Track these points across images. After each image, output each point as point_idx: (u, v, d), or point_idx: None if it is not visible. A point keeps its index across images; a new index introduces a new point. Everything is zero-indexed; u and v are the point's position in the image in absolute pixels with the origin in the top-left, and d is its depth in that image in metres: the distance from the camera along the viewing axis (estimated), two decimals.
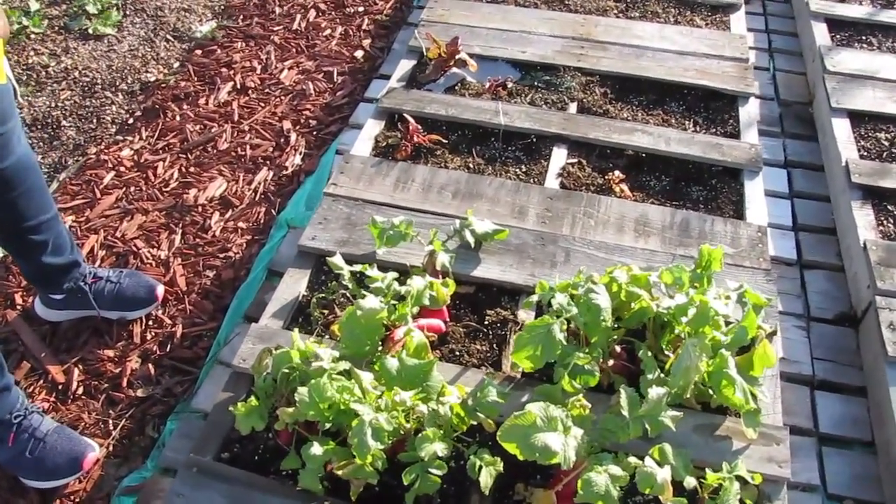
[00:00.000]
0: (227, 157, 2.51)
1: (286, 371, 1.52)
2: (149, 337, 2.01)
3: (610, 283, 1.61)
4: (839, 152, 2.28)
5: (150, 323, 2.04)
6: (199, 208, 2.34)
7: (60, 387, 1.91)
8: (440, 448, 1.36)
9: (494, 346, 1.74)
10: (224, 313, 2.03)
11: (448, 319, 1.77)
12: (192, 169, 2.48)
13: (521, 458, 1.28)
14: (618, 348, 1.64)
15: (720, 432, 1.53)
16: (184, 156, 2.53)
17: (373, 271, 1.70)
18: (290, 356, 1.51)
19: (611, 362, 1.60)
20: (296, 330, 1.59)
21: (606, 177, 2.17)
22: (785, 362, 1.82)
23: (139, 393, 1.89)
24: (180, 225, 2.29)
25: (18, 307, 2.09)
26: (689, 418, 1.51)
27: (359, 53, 2.99)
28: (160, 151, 2.54)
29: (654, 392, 1.38)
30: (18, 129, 1.68)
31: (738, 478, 1.38)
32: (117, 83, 2.85)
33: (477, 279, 1.86)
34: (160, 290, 2.06)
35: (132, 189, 2.41)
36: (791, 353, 1.87)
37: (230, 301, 2.05)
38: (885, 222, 2.08)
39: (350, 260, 1.79)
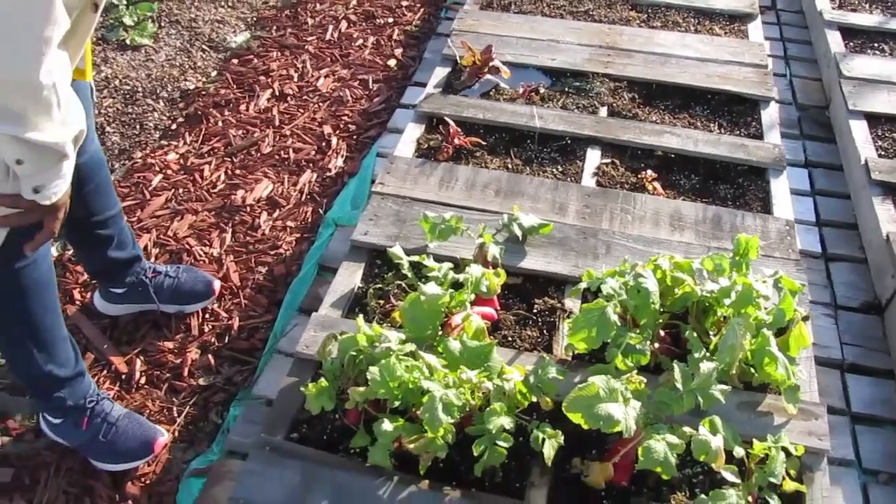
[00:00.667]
0: (271, 161, 2.62)
1: (353, 354, 1.61)
2: (206, 329, 2.11)
3: (655, 270, 1.71)
4: (858, 152, 2.40)
5: (207, 316, 2.14)
6: (248, 208, 2.44)
7: (124, 377, 2.00)
8: (507, 422, 1.46)
9: (544, 331, 1.84)
10: (278, 307, 2.13)
11: (499, 308, 1.87)
12: (237, 171, 2.58)
13: (585, 426, 1.38)
14: (662, 332, 1.74)
15: (762, 408, 1.63)
16: (229, 159, 2.63)
17: (429, 261, 1.80)
18: (357, 340, 1.61)
19: (656, 345, 1.70)
20: (360, 316, 1.68)
21: (639, 176, 2.28)
22: (816, 347, 1.92)
23: (201, 381, 1.99)
24: (230, 224, 2.40)
25: (77, 302, 2.18)
26: (732, 396, 1.60)
27: (392, 62, 3.11)
28: (205, 155, 2.65)
29: (705, 366, 1.48)
30: (93, 126, 1.78)
31: (783, 449, 1.48)
32: (158, 91, 2.96)
33: (524, 270, 1.96)
34: (216, 284, 2.17)
35: (181, 190, 2.52)
36: (821, 339, 1.98)
37: (283, 295, 2.15)
38: None
39: (396, 256, 1.89)
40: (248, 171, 2.58)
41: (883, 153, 2.43)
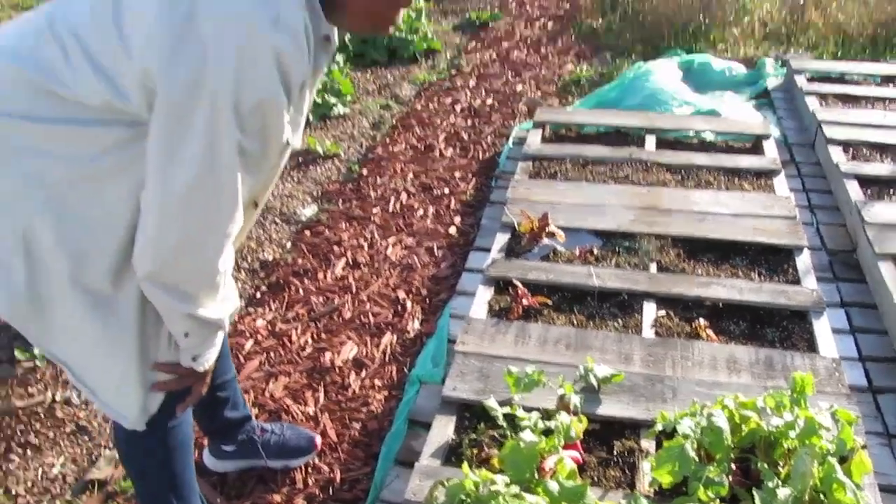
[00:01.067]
0: (353, 324, 2.89)
1: (462, 497, 1.82)
2: (310, 482, 2.31)
3: (723, 409, 1.93)
4: (890, 290, 2.64)
5: (310, 470, 2.35)
6: (336, 369, 2.69)
7: None
8: None
9: (626, 471, 2.04)
10: (375, 459, 2.33)
11: (583, 451, 2.08)
12: (323, 335, 2.85)
13: None
14: (734, 466, 1.93)
15: None
16: (313, 324, 2.91)
17: (520, 412, 2.03)
18: (464, 485, 1.82)
19: (730, 477, 1.89)
20: (465, 463, 1.89)
21: (693, 325, 2.52)
22: (877, 475, 2.09)
23: None
24: (321, 384, 2.64)
25: None
26: None
27: (452, 229, 3.44)
28: (291, 321, 2.92)
29: (781, 492, 1.67)
30: None
31: None
32: (239, 262, 3.27)
33: (602, 416, 2.17)
34: (318, 439, 2.39)
35: (272, 354, 2.77)
36: (880, 467, 2.15)
37: (378, 448, 2.36)
38: None
39: (492, 408, 2.11)
40: (333, 335, 2.84)
41: None
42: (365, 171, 3.99)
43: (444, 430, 2.19)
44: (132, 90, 1.29)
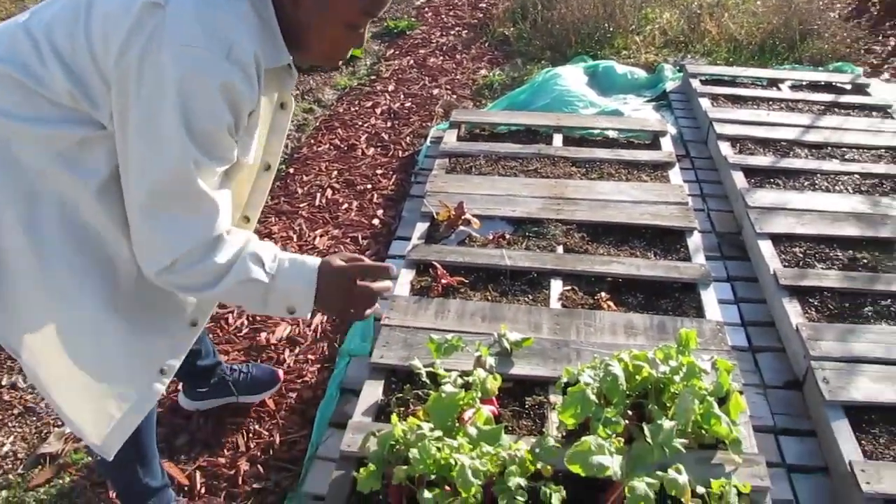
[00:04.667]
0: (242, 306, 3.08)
1: (392, 443, 2.04)
2: (252, 446, 2.50)
3: (619, 361, 2.20)
4: (767, 264, 2.97)
5: (251, 435, 2.54)
6: (272, 347, 2.88)
7: (186, 488, 2.37)
8: (521, 481, 1.89)
9: (537, 420, 2.29)
10: (311, 423, 2.53)
11: (498, 406, 2.33)
12: (257, 318, 3.03)
13: (583, 474, 1.83)
14: (629, 411, 2.21)
15: (715, 461, 2.09)
16: None
17: (441, 371, 2.27)
18: (395, 433, 2.04)
19: (626, 421, 2.16)
20: (394, 415, 2.12)
21: (595, 297, 2.80)
22: (753, 418, 2.39)
23: (254, 486, 2.38)
24: (258, 360, 2.83)
25: None
26: (690, 454, 2.04)
27: (375, 221, 3.66)
28: (227, 306, 3.10)
29: (667, 424, 1.95)
30: None
31: (734, 486, 1.94)
32: None
33: (514, 376, 2.42)
34: (280, 373, 2.68)
35: (211, 336, 2.93)
36: (756, 411, 2.46)
37: (314, 414, 2.56)
38: (808, 310, 2.76)
39: (416, 367, 2.35)
40: (267, 317, 3.03)
41: (787, 263, 3.01)
42: (292, 170, 4.18)
43: (373, 392, 2.40)
44: (101, 102, 1.42)
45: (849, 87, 4.86)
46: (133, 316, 1.61)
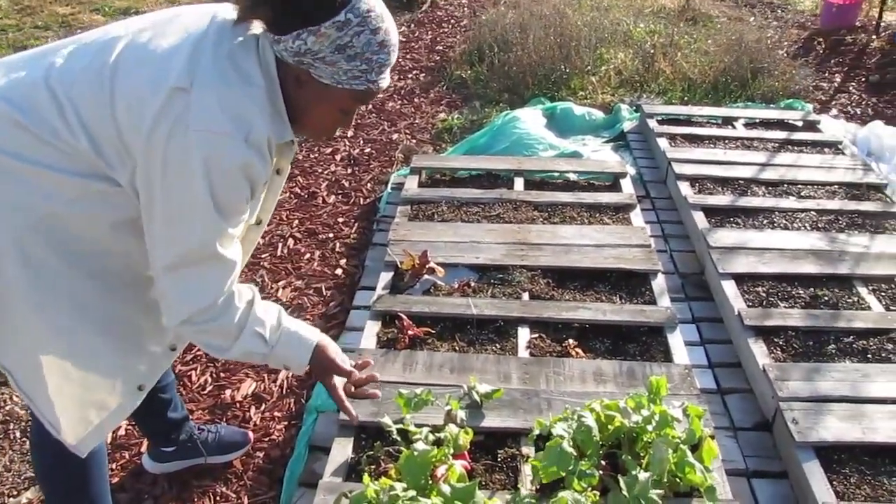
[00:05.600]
0: (250, 362, 3.03)
1: None
2: None
3: (591, 412, 2.19)
4: (732, 305, 3.00)
5: (218, 498, 2.48)
6: (237, 405, 2.83)
7: None
8: None
9: (510, 474, 2.27)
10: (279, 483, 2.48)
11: (470, 460, 2.30)
12: (222, 374, 2.98)
13: None
14: (603, 462, 2.19)
15: None
16: (211, 364, 3.03)
17: (412, 427, 2.24)
18: (367, 494, 2.00)
19: (600, 472, 2.15)
20: (366, 474, 2.08)
21: (563, 344, 2.79)
22: (725, 462, 2.39)
23: None
24: (224, 419, 2.77)
25: None
26: (666, 503, 2.05)
27: (338, 271, 3.63)
28: (190, 363, 3.04)
29: (642, 475, 1.94)
30: None
31: None
32: None
33: (485, 428, 2.39)
34: (251, 435, 2.63)
35: None
36: (728, 455, 2.47)
37: (283, 473, 2.51)
38: (774, 350, 2.78)
39: (386, 425, 2.31)
40: (232, 374, 2.98)
41: (750, 304, 3.04)
42: None
43: (343, 450, 2.36)
44: (118, 166, 1.58)
45: (800, 123, 4.96)
46: (119, 338, 1.78)
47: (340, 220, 4.12)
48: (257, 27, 1.60)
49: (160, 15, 1.67)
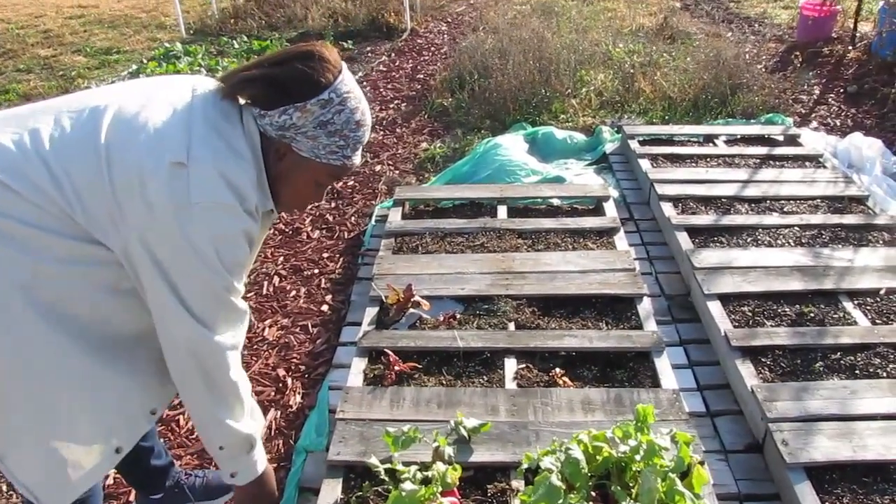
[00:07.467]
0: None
1: None
2: None
3: (578, 443, 2.17)
4: (718, 326, 2.99)
5: None
6: None
7: None
8: None
9: None
10: None
11: (459, 497, 2.28)
12: None
13: None
14: (593, 493, 2.18)
15: None
16: None
17: (400, 466, 2.22)
18: None
19: (590, 503, 2.13)
20: None
21: (550, 374, 2.78)
22: (716, 486, 2.38)
23: None
24: (212, 464, 2.74)
25: None
26: None
27: (324, 307, 3.62)
28: (178, 406, 3.02)
29: None
30: None
31: None
32: None
33: (474, 463, 2.38)
34: None
35: (162, 440, 2.85)
36: (719, 479, 2.45)
37: None
38: (762, 370, 2.77)
39: (374, 465, 2.30)
40: None
41: (737, 324, 3.03)
42: None
43: (332, 491, 2.34)
44: (114, 239, 1.61)
45: (781, 138, 4.98)
46: (98, 401, 1.77)
47: (325, 255, 4.11)
48: (240, 100, 1.71)
49: (141, 86, 1.73)
